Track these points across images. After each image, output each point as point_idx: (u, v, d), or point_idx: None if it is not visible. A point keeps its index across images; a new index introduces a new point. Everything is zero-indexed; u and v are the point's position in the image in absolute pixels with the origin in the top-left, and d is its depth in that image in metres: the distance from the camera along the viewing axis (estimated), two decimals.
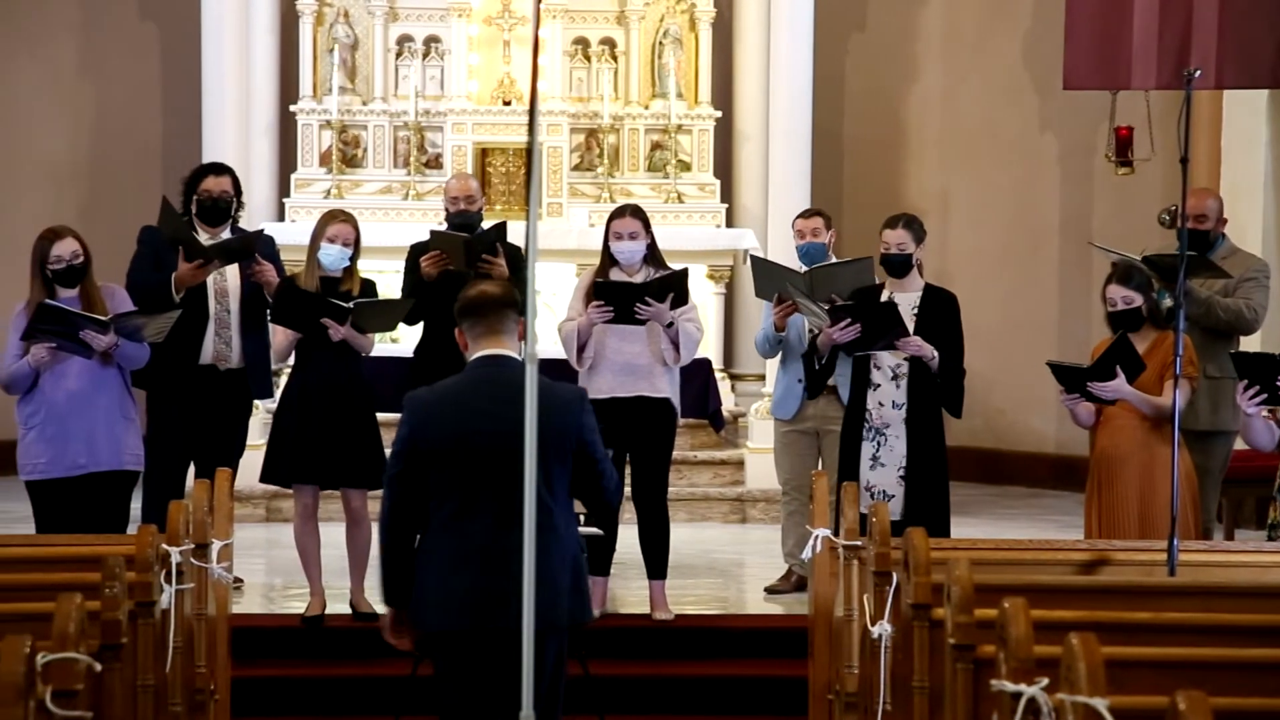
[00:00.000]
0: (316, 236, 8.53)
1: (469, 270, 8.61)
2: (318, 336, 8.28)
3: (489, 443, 5.52)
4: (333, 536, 8.66)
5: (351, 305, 8.29)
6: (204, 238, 8.79)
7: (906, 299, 8.26)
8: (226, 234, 8.93)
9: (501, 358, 5.66)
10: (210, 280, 8.76)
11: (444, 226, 9.29)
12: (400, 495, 5.64)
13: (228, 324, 8.80)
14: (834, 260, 9.15)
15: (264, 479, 8.56)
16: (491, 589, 5.49)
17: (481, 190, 9.32)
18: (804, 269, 9.25)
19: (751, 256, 9.76)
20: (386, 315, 8.66)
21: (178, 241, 8.61)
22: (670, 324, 8.47)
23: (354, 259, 8.53)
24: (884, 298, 8.29)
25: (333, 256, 8.47)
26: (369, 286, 8.61)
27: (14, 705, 4.22)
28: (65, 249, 7.85)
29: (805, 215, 9.46)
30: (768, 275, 9.09)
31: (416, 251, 9.07)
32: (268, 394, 9.20)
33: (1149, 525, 7.68)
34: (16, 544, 6.85)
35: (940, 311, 8.27)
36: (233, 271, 8.84)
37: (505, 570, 5.40)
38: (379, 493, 8.06)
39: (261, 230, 9.33)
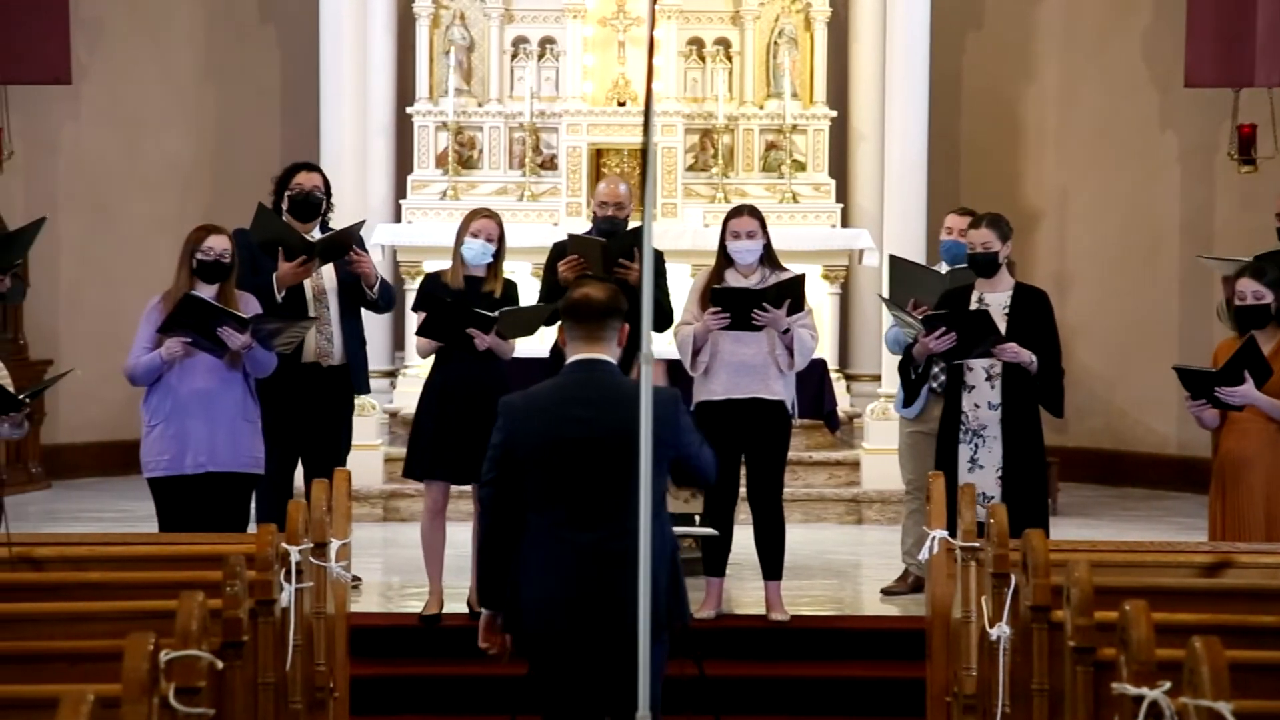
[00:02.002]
0: (461, 233, 8.59)
1: (606, 275, 8.58)
2: (461, 341, 8.35)
3: (581, 446, 5.53)
4: (454, 536, 8.70)
5: (497, 315, 8.33)
6: (291, 229, 8.83)
7: (997, 299, 8.19)
8: (317, 231, 8.99)
9: (596, 362, 5.64)
10: (307, 280, 8.82)
11: (589, 229, 9.27)
12: (496, 500, 5.65)
13: (328, 321, 8.86)
14: None
15: (405, 474, 8.68)
16: (587, 592, 5.50)
17: (631, 194, 9.29)
18: (944, 267, 9.21)
19: (891, 257, 9.69)
20: (529, 322, 8.69)
21: (278, 242, 8.66)
22: (786, 330, 8.45)
23: (498, 255, 8.58)
24: (974, 299, 8.22)
25: (475, 252, 8.53)
26: (511, 287, 8.65)
27: (138, 702, 4.27)
28: (219, 243, 7.93)
29: (959, 212, 9.36)
30: (904, 278, 9.03)
31: (557, 251, 9.08)
32: (366, 389, 9.28)
33: (1276, 528, 7.58)
34: (140, 542, 6.94)
35: (1032, 310, 8.19)
36: (328, 270, 8.90)
37: (600, 572, 5.44)
38: None
39: (362, 222, 9.37)
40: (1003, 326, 8.05)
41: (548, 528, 5.58)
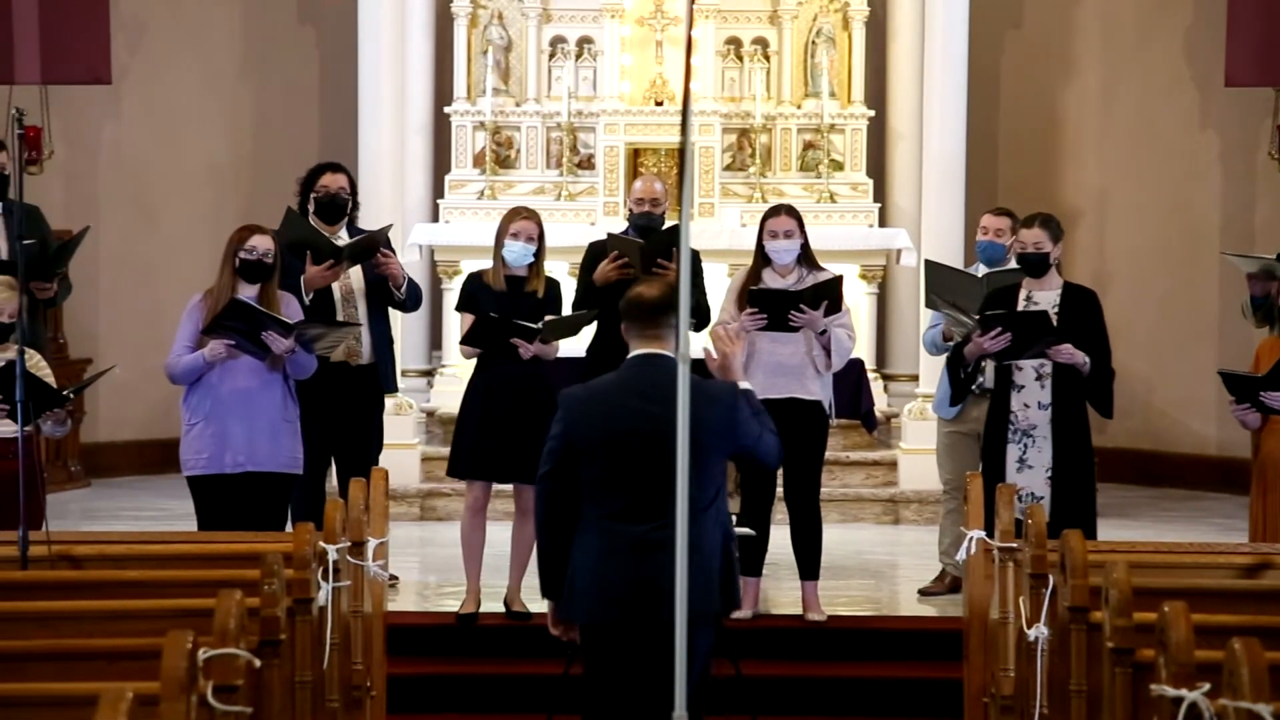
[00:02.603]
0: (501, 234, 8.60)
1: (645, 274, 8.58)
2: (506, 351, 8.37)
3: (639, 440, 5.61)
4: (493, 535, 8.71)
5: (540, 326, 8.34)
6: (320, 232, 8.85)
7: (1045, 298, 8.17)
8: (344, 232, 9.01)
9: (655, 356, 5.75)
10: (335, 281, 8.83)
11: (624, 228, 9.28)
12: (554, 490, 5.74)
13: (356, 321, 8.87)
14: (1012, 265, 9.06)
15: (449, 473, 8.71)
16: (642, 582, 5.57)
17: (666, 192, 9.30)
18: (981, 268, 9.17)
19: (926, 261, 9.68)
20: (572, 328, 8.70)
21: (306, 245, 8.69)
22: (823, 331, 8.44)
23: (539, 255, 8.59)
24: (1022, 297, 8.20)
25: (516, 253, 8.54)
26: (553, 286, 8.67)
27: (176, 700, 4.28)
28: (262, 243, 7.96)
29: (995, 213, 9.33)
30: (940, 281, 9.01)
31: (594, 250, 9.08)
32: (394, 388, 9.31)
33: None
34: (179, 541, 6.97)
35: (1082, 310, 8.16)
36: (356, 272, 8.92)
37: (656, 563, 5.49)
38: None
39: (390, 225, 9.39)
40: (1054, 323, 8.03)
41: (602, 518, 5.68)
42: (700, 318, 8.90)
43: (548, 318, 8.46)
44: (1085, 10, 13.47)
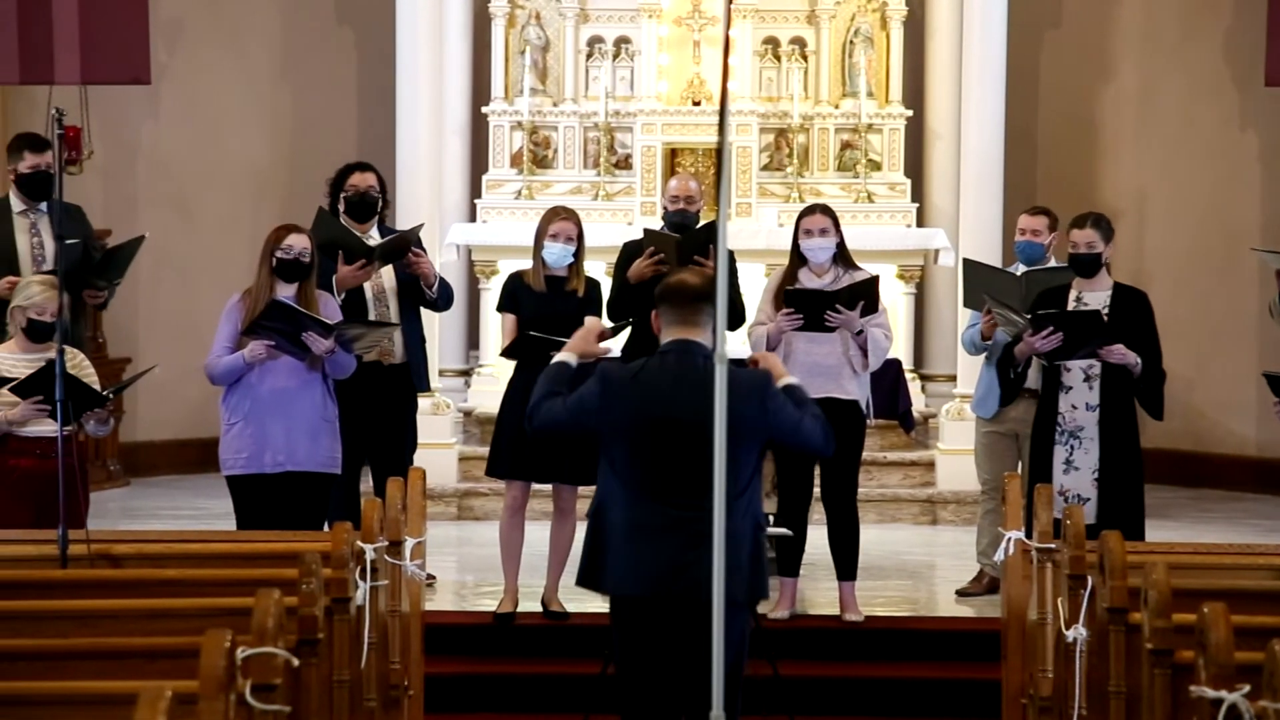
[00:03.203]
0: (540, 235, 8.60)
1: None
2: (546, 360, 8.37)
3: (670, 424, 5.72)
4: (531, 535, 8.72)
5: None
6: (352, 232, 8.86)
7: (1096, 298, 8.15)
8: (374, 231, 9.02)
9: (691, 343, 5.84)
10: (367, 281, 8.85)
11: (660, 227, 9.28)
12: (555, 419, 5.87)
13: (392, 321, 8.88)
14: (1052, 264, 9.04)
15: (488, 473, 8.73)
16: (671, 560, 5.68)
17: (701, 190, 9.30)
18: (1020, 268, 9.15)
19: (964, 260, 9.66)
20: (611, 338, 8.69)
21: (337, 245, 8.70)
22: (860, 331, 8.43)
23: (578, 255, 8.59)
24: (1072, 297, 8.18)
25: (556, 254, 8.55)
26: (594, 286, 8.68)
27: (215, 698, 4.30)
28: (299, 242, 7.99)
29: (1032, 212, 9.31)
30: (979, 280, 8.99)
31: (628, 249, 9.08)
32: (426, 386, 9.33)
33: None
34: (217, 540, 6.99)
35: (1132, 311, 8.14)
36: (387, 271, 8.93)
37: (685, 544, 5.62)
38: (589, 489, 8.20)
39: (421, 225, 9.41)
40: (1106, 323, 8.00)
41: (632, 497, 5.78)
42: (735, 317, 8.89)
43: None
44: (1124, 10, 13.42)
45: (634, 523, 5.77)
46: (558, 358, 6.06)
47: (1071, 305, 8.14)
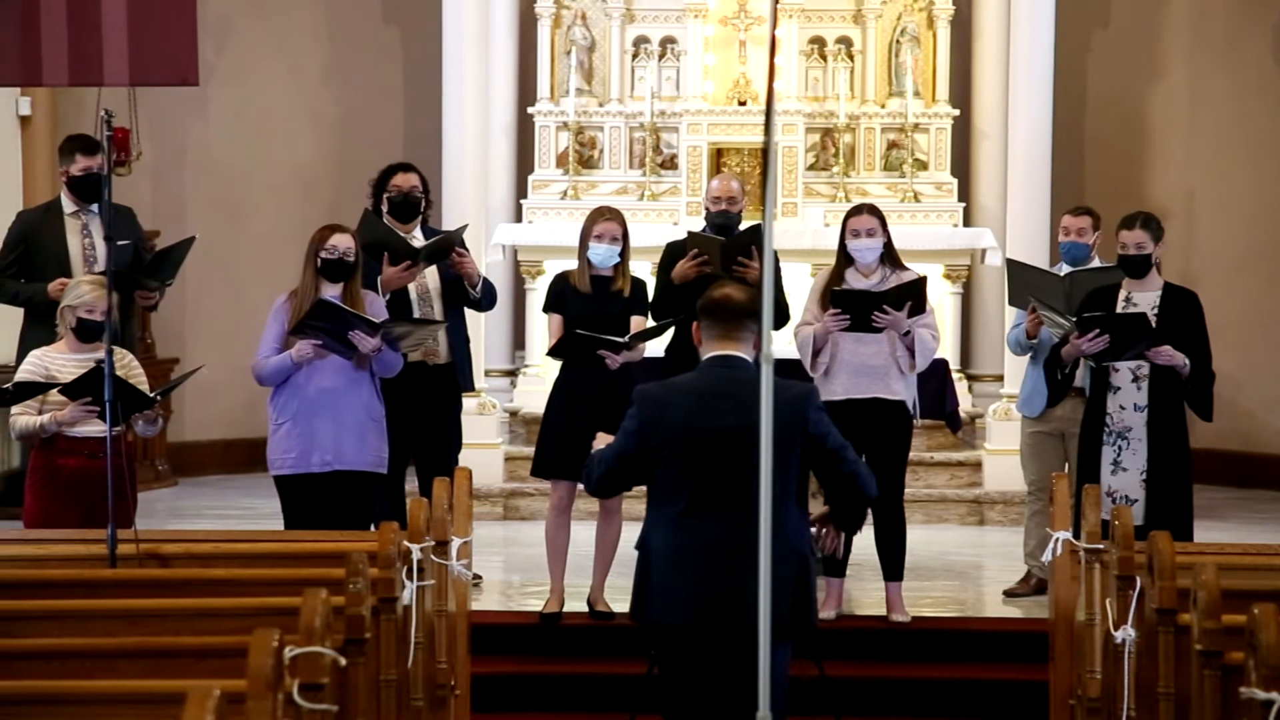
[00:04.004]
0: (585, 235, 8.61)
1: (724, 273, 8.58)
2: (593, 360, 8.38)
3: (713, 440, 5.63)
4: (577, 535, 8.72)
5: (627, 340, 8.35)
6: (396, 233, 8.87)
7: (1145, 299, 8.12)
8: (418, 231, 9.04)
9: (732, 358, 5.77)
10: (411, 282, 8.87)
11: (702, 228, 9.28)
12: (610, 472, 5.84)
13: (438, 319, 8.89)
14: (1096, 264, 9.01)
15: (533, 473, 8.73)
16: (711, 586, 5.59)
17: (743, 191, 9.29)
18: (1064, 268, 9.12)
19: (1008, 260, 9.64)
20: (656, 336, 8.71)
21: (383, 246, 8.72)
22: (907, 332, 8.41)
23: (624, 255, 8.60)
24: (1122, 297, 8.14)
25: (602, 255, 8.55)
26: (639, 286, 8.68)
27: (263, 697, 4.31)
28: (342, 242, 8.01)
29: (1075, 212, 9.28)
30: (1023, 280, 8.97)
31: (671, 250, 9.08)
32: (471, 386, 9.34)
33: None
34: (265, 539, 7.01)
35: (1182, 311, 8.10)
36: (431, 272, 8.95)
37: (726, 568, 5.53)
38: (635, 489, 8.19)
39: (465, 225, 9.43)
40: (1153, 325, 7.97)
41: (674, 518, 5.69)
42: (779, 316, 8.88)
43: (632, 330, 8.46)
44: (1173, 9, 13.35)
45: (674, 548, 5.67)
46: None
47: (1121, 306, 8.11)
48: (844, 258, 8.62)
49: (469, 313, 9.24)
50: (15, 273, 9.05)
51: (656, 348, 9.32)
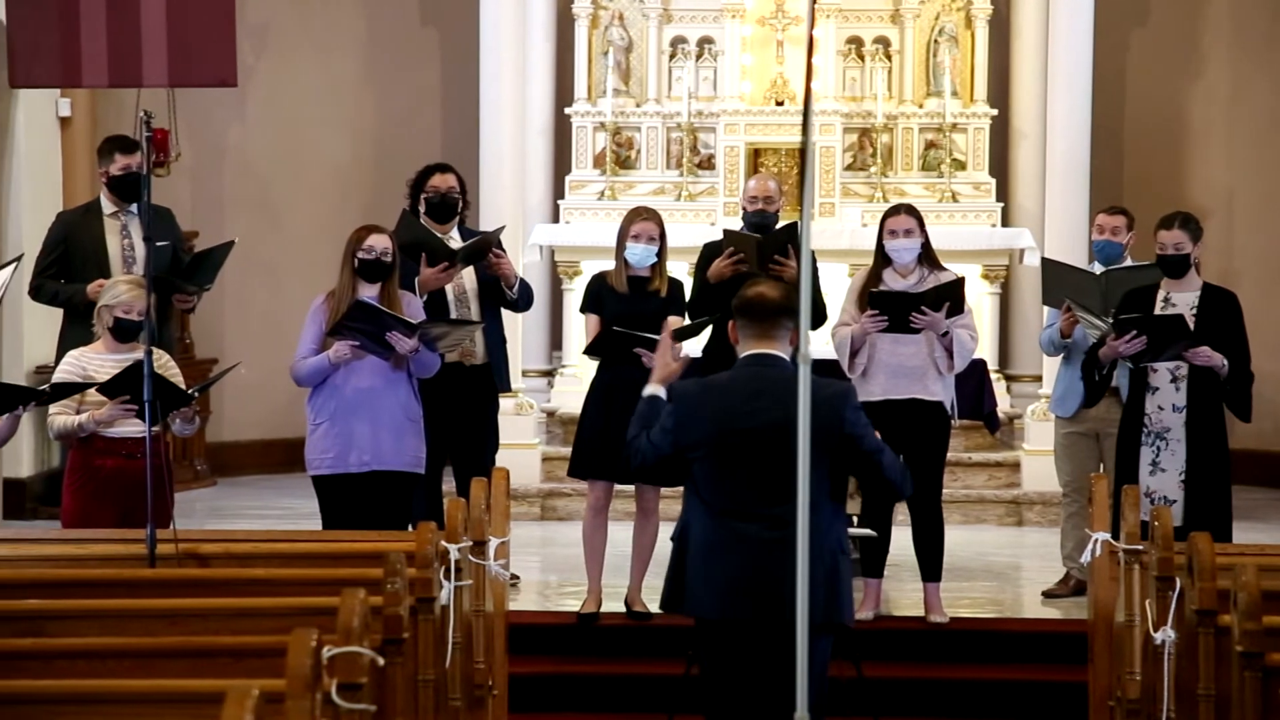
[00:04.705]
0: (622, 235, 8.61)
1: (760, 271, 8.57)
2: (629, 359, 8.38)
3: (750, 439, 5.66)
4: (614, 535, 8.72)
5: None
6: (434, 235, 8.89)
7: (1184, 299, 8.08)
8: (455, 232, 9.05)
9: (769, 356, 5.79)
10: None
11: (739, 227, 9.27)
12: (647, 466, 5.87)
13: (475, 320, 8.89)
14: (1129, 264, 8.98)
15: (570, 473, 8.74)
16: (745, 581, 5.63)
17: (780, 191, 9.28)
18: (1098, 267, 9.10)
19: (1043, 258, 9.62)
20: (694, 334, 8.70)
21: (421, 247, 8.73)
22: (945, 332, 8.39)
23: (661, 255, 8.59)
24: (1160, 298, 8.11)
25: (639, 255, 8.55)
26: (676, 286, 8.67)
27: (302, 697, 4.32)
28: (380, 242, 8.03)
29: (1110, 211, 9.27)
30: (1058, 279, 8.95)
31: (708, 250, 9.08)
32: (508, 387, 9.34)
33: None
34: (303, 539, 7.03)
35: (1221, 312, 8.06)
36: (469, 272, 8.96)
37: (760, 563, 5.57)
38: (672, 490, 8.18)
39: (502, 227, 9.44)
40: (1190, 327, 7.94)
41: (711, 513, 5.73)
42: (816, 316, 8.86)
43: (671, 331, 8.44)
44: (1212, 8, 13.30)
45: (711, 542, 5.71)
46: (646, 391, 5.94)
47: (1160, 306, 8.08)
48: (881, 258, 8.61)
49: (506, 313, 9.25)
50: (55, 273, 9.08)
51: (694, 347, 9.31)
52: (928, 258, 8.61)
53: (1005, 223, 12.37)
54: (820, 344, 9.07)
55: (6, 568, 6.42)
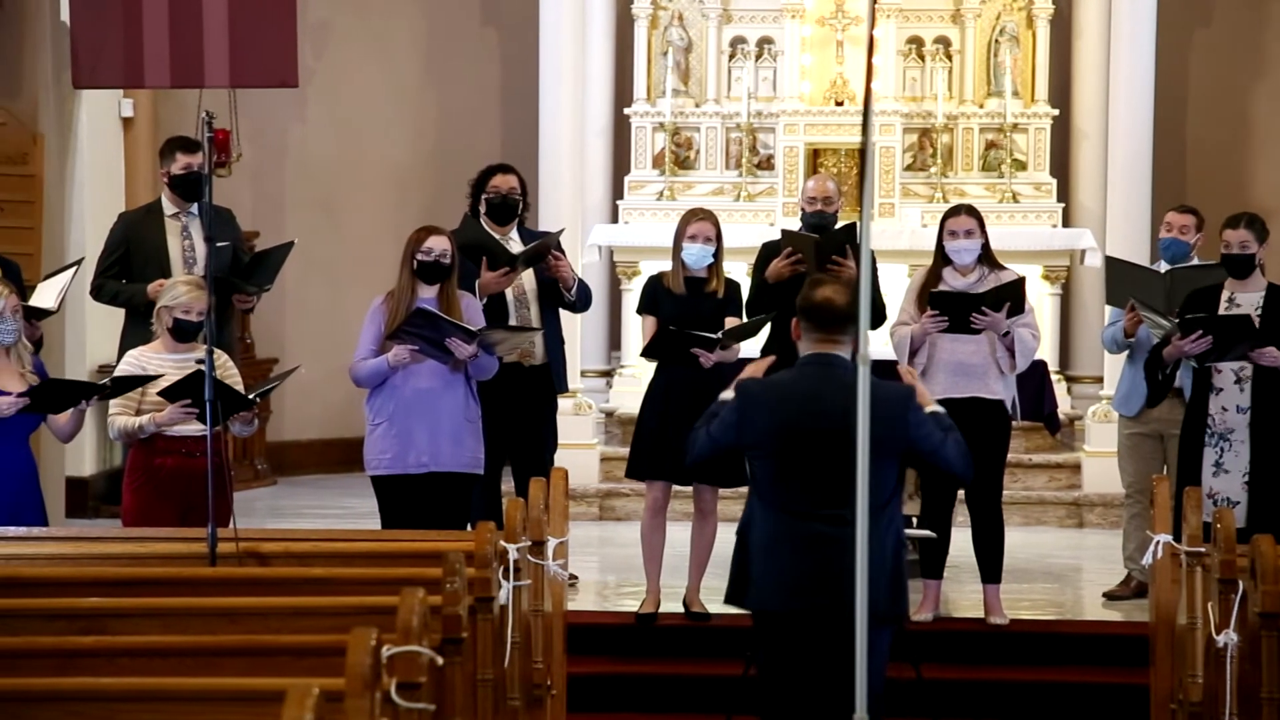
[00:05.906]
0: (679, 236, 8.60)
1: (819, 271, 8.55)
2: (686, 359, 8.37)
3: (811, 438, 5.71)
4: (673, 535, 8.72)
5: (719, 336, 8.34)
6: (495, 238, 8.90)
7: (1248, 299, 8.03)
8: (514, 233, 9.06)
9: (831, 357, 5.83)
10: None
11: (798, 227, 9.25)
12: (705, 460, 5.96)
13: (529, 323, 8.91)
14: (1195, 263, 8.93)
15: (629, 474, 8.73)
16: (808, 576, 5.69)
17: (839, 191, 9.26)
18: (1163, 266, 9.05)
19: (1107, 257, 9.57)
20: (750, 333, 8.69)
21: (482, 250, 8.74)
22: (1006, 332, 8.35)
23: (717, 255, 8.59)
24: (1225, 298, 8.06)
25: (695, 255, 8.54)
26: (733, 287, 8.66)
27: (361, 696, 4.33)
28: (439, 244, 8.05)
29: (1180, 210, 9.23)
30: (1122, 277, 8.91)
31: (767, 249, 9.06)
32: (565, 387, 9.35)
33: None
34: (362, 539, 7.05)
35: None
36: (528, 274, 8.96)
37: (821, 559, 5.63)
38: (730, 491, 8.18)
39: (562, 229, 9.45)
40: (1256, 326, 7.89)
41: (774, 510, 5.78)
42: (875, 316, 8.84)
43: (726, 328, 8.45)
44: (1276, 6, 13.20)
45: (774, 537, 5.77)
46: (722, 395, 6.01)
47: (1224, 306, 8.03)
48: (941, 258, 8.57)
49: (565, 314, 9.26)
50: (117, 273, 9.13)
51: (751, 347, 9.30)
52: (988, 258, 8.58)
53: (1066, 223, 12.31)
54: (879, 344, 9.05)
55: (68, 566, 6.47)
